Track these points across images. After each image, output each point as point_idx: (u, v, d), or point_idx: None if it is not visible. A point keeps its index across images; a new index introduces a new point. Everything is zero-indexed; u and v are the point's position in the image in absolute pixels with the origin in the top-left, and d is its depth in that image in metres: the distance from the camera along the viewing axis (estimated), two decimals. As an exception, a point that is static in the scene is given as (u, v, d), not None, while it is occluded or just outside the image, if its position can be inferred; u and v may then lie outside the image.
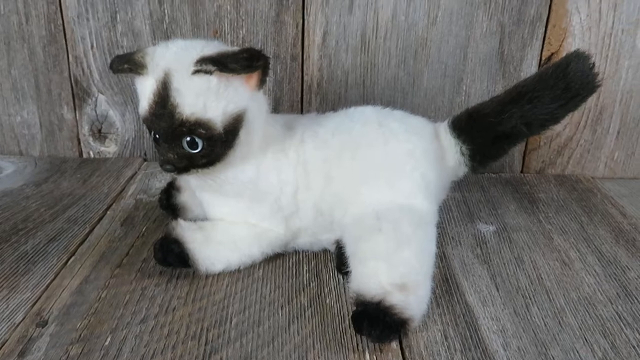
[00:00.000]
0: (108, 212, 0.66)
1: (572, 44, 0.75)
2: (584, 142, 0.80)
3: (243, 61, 0.44)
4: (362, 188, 0.52)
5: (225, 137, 0.47)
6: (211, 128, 0.46)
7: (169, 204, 0.62)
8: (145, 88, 0.47)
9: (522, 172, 0.83)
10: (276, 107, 0.80)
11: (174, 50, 0.47)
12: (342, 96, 0.79)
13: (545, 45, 0.76)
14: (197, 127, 0.46)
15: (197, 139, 0.46)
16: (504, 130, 0.53)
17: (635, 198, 0.75)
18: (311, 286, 0.53)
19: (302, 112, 0.80)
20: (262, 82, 0.48)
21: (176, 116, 0.45)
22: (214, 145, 0.47)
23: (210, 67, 0.44)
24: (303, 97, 0.79)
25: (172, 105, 0.45)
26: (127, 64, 0.47)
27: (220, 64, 0.44)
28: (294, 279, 0.54)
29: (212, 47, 0.47)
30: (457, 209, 0.69)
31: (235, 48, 0.46)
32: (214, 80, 0.45)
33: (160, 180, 0.75)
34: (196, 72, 0.45)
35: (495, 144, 0.55)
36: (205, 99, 0.45)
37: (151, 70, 0.46)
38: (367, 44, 0.76)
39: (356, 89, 0.78)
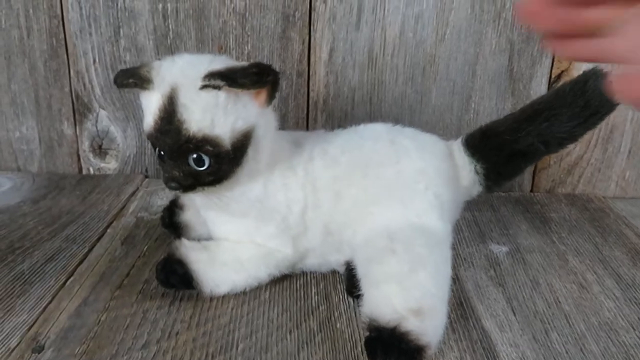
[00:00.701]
0: (108, 231, 0.64)
1: (582, 63, 0.74)
2: (594, 161, 0.79)
3: (253, 76, 0.43)
4: (373, 207, 0.50)
5: (233, 154, 0.45)
6: (219, 145, 0.44)
7: (172, 223, 0.60)
8: (151, 103, 0.45)
9: (531, 191, 0.81)
10: (282, 124, 0.77)
11: (181, 64, 0.45)
12: (349, 113, 0.77)
13: (555, 63, 0.75)
14: (204, 144, 0.44)
15: (203, 156, 0.45)
16: (520, 149, 0.52)
17: (649, 218, 0.73)
18: (320, 309, 0.51)
19: (307, 128, 0.79)
20: (271, 98, 0.46)
21: (183, 132, 0.44)
22: (221, 162, 0.45)
23: (218, 82, 0.43)
24: (309, 113, 0.78)
25: (179, 121, 0.44)
26: (132, 79, 0.45)
27: (229, 78, 0.43)
28: (302, 302, 0.52)
29: (220, 62, 0.45)
30: (468, 229, 0.68)
31: (244, 63, 0.45)
32: (222, 96, 0.44)
33: (162, 197, 0.73)
34: (204, 87, 0.43)
35: (511, 162, 0.53)
36: (213, 115, 0.44)
37: (157, 85, 0.45)
38: (375, 60, 0.75)
39: (363, 106, 0.77)
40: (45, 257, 0.57)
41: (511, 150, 0.52)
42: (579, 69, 0.74)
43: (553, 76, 0.75)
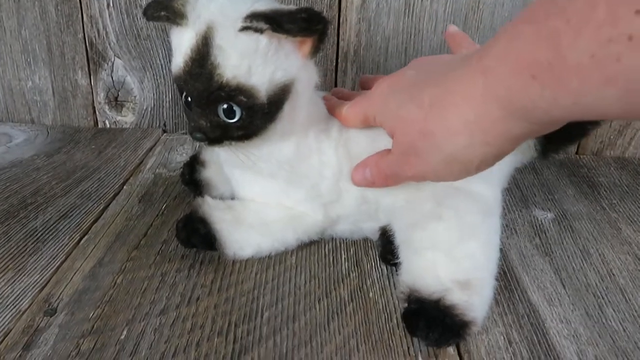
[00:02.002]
0: (125, 187, 0.60)
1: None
2: (649, 122, 0.72)
3: (301, 22, 0.37)
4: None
5: (268, 108, 0.40)
6: (254, 96, 0.39)
7: (192, 180, 0.56)
8: (182, 42, 0.39)
9: (577, 153, 0.75)
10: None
11: (221, 1, 0.39)
12: (382, 65, 0.71)
13: None
14: (237, 94, 0.39)
15: (235, 107, 0.39)
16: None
17: None
18: (351, 277, 0.47)
19: (336, 82, 0.73)
20: (316, 50, 0.41)
21: (215, 78, 0.38)
22: (253, 116, 0.40)
23: (262, 25, 0.37)
24: (338, 65, 0.72)
25: (212, 64, 0.38)
26: (165, 11, 0.39)
27: (274, 22, 0.37)
28: (332, 268, 0.48)
29: (264, 3, 0.39)
30: (509, 193, 0.62)
31: (292, 6, 0.39)
32: (264, 41, 0.38)
33: (181, 153, 0.69)
34: (245, 28, 0.37)
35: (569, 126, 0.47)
36: (251, 61, 0.38)
37: (192, 22, 0.39)
38: (412, 6, 0.68)
39: (397, 58, 0.71)
40: (59, 214, 0.54)
41: None
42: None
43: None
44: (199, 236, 0.45)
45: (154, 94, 0.75)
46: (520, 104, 0.29)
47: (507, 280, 0.47)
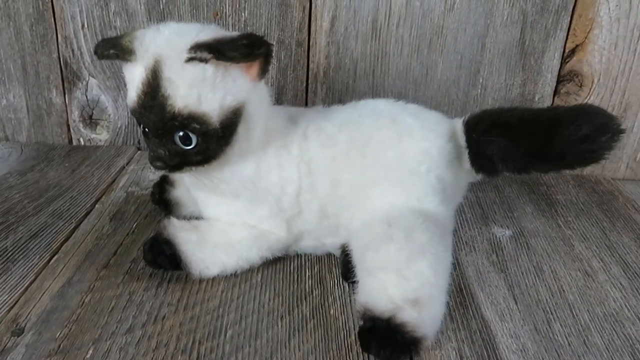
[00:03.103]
0: (96, 206, 0.62)
1: (599, 36, 0.70)
2: (605, 141, 0.76)
3: (243, 48, 0.39)
4: (372, 190, 0.47)
5: (222, 132, 0.42)
6: (206, 122, 0.41)
7: (162, 199, 0.58)
8: (134, 76, 0.41)
9: (538, 171, 0.78)
10: (279, 97, 0.75)
11: (166, 34, 0.42)
12: (350, 86, 0.74)
13: (569, 36, 0.70)
14: (190, 122, 0.41)
15: (190, 135, 0.42)
16: (484, 153, 0.48)
17: (659, 202, 0.70)
18: (314, 294, 0.49)
19: (306, 102, 0.75)
20: (263, 72, 0.43)
21: (167, 109, 0.40)
22: (209, 141, 0.42)
23: (205, 55, 0.39)
24: (308, 86, 0.74)
25: (163, 96, 0.40)
26: (114, 49, 0.42)
27: (217, 51, 0.39)
28: (295, 286, 0.50)
29: (208, 32, 0.42)
30: (471, 211, 0.65)
31: (234, 33, 0.41)
32: (210, 70, 0.40)
33: (154, 172, 0.70)
34: (190, 59, 0.40)
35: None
36: (200, 90, 0.40)
37: (140, 57, 0.41)
38: (379, 30, 0.71)
39: (365, 79, 0.73)
40: (29, 234, 0.55)
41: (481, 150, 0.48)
42: (594, 42, 0.70)
43: (567, 50, 0.71)
44: (165, 257, 0.47)
45: (128, 113, 0.77)
46: None
47: (462, 296, 0.49)
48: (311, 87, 0.74)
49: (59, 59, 0.74)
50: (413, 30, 0.71)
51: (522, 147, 0.46)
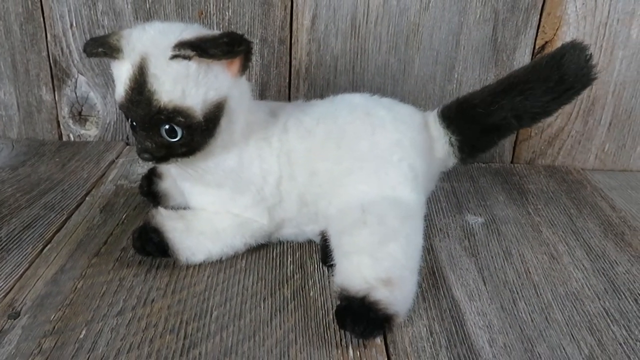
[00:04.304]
0: (87, 198, 0.64)
1: (567, 33, 0.73)
2: (575, 133, 0.79)
3: (224, 46, 0.42)
4: (347, 179, 0.50)
5: (205, 125, 0.45)
6: (190, 116, 0.44)
7: (150, 191, 0.60)
8: (121, 73, 0.44)
9: (512, 162, 0.82)
10: (263, 92, 0.77)
11: (152, 33, 0.44)
12: (331, 82, 0.77)
13: (539, 33, 0.74)
14: (175, 115, 0.44)
15: (176, 127, 0.44)
16: (493, 122, 0.52)
17: (625, 191, 0.74)
18: (295, 278, 0.52)
19: (289, 97, 0.78)
20: (244, 68, 0.46)
21: (153, 103, 0.43)
22: (193, 133, 0.45)
23: (188, 52, 0.42)
24: (291, 82, 0.77)
25: (149, 91, 0.43)
26: (102, 48, 0.44)
27: (199, 48, 0.42)
28: (278, 271, 0.52)
29: (191, 31, 0.44)
30: (446, 200, 0.68)
31: (216, 32, 0.44)
32: (193, 66, 0.43)
33: (142, 165, 0.73)
34: (174, 57, 0.43)
35: (485, 135, 0.54)
36: (184, 85, 0.43)
37: (127, 55, 0.44)
38: (358, 28, 0.74)
39: (345, 75, 0.76)
40: (22, 225, 0.58)
41: (484, 123, 0.52)
42: (563, 39, 0.74)
43: (537, 47, 0.75)
44: (152, 244, 0.49)
45: (116, 109, 0.79)
46: None
47: (435, 278, 0.53)
48: (294, 83, 0.77)
49: (49, 57, 0.76)
50: (390, 28, 0.74)
51: (537, 90, 0.49)
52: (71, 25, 0.74)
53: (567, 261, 0.56)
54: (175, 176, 0.53)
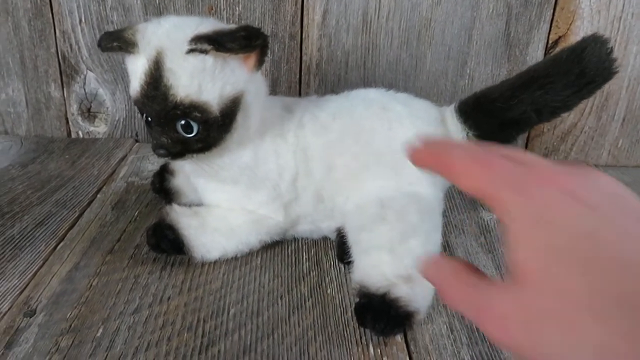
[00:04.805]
0: (98, 196, 0.64)
1: (580, 27, 0.73)
2: (588, 129, 0.79)
3: (241, 40, 0.41)
4: (364, 175, 0.50)
5: (222, 120, 0.44)
6: (207, 111, 0.43)
7: (162, 188, 0.60)
8: (137, 68, 0.43)
9: (524, 158, 0.81)
10: (273, 89, 0.77)
11: (167, 27, 0.44)
12: (342, 78, 0.76)
13: (552, 28, 0.73)
14: (192, 110, 0.43)
15: (192, 123, 0.44)
16: (512, 117, 0.51)
17: (638, 187, 0.73)
18: (311, 275, 0.51)
19: (300, 93, 0.77)
20: (260, 63, 0.45)
21: (170, 98, 0.42)
22: (209, 129, 0.44)
23: (205, 46, 0.41)
24: (301, 78, 0.76)
25: (165, 86, 0.42)
26: (117, 42, 0.44)
27: (216, 42, 0.41)
28: (294, 268, 0.52)
29: (207, 25, 0.44)
30: (460, 197, 0.68)
31: (233, 26, 0.43)
32: (210, 61, 0.42)
33: (153, 162, 0.73)
34: (191, 51, 0.42)
35: (503, 130, 0.53)
36: (201, 80, 0.42)
37: (142, 49, 0.43)
38: (369, 23, 0.73)
39: (357, 71, 0.76)
40: (35, 222, 0.57)
41: (504, 118, 0.51)
42: (576, 34, 0.73)
43: (550, 42, 0.74)
44: (167, 241, 0.49)
45: (125, 105, 0.78)
46: None
47: (452, 275, 0.52)
48: (304, 79, 0.77)
49: (57, 53, 0.75)
50: (402, 23, 0.73)
51: (558, 84, 0.48)
52: (80, 21, 0.73)
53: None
54: (190, 172, 0.53)
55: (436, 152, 0.27)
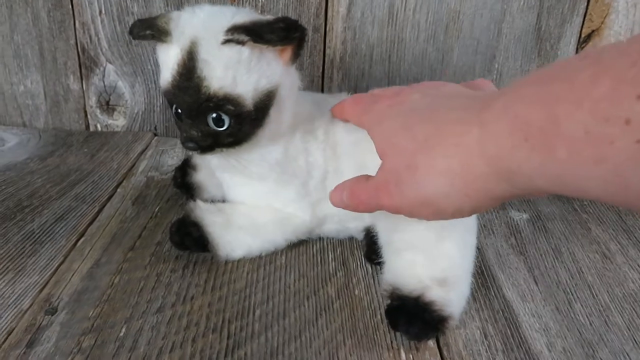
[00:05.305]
0: (118, 190, 0.62)
1: (615, 22, 0.70)
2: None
3: (280, 31, 0.39)
4: (396, 173, 0.48)
5: (255, 114, 0.43)
6: (240, 104, 0.42)
7: (184, 183, 0.58)
8: (169, 58, 0.42)
9: (552, 156, 0.79)
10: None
11: (202, 16, 0.42)
12: (366, 72, 0.74)
13: (585, 21, 0.71)
14: (225, 103, 0.41)
15: (224, 116, 0.42)
16: None
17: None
18: (338, 276, 0.49)
19: (322, 87, 0.76)
20: (296, 56, 0.43)
21: (203, 90, 0.41)
22: (242, 123, 0.43)
23: (243, 37, 0.39)
24: (324, 72, 0.75)
25: (199, 77, 0.41)
26: (150, 30, 0.42)
27: (254, 33, 0.39)
28: (319, 268, 0.50)
29: (243, 15, 0.42)
30: (487, 195, 0.66)
31: (270, 17, 0.41)
32: (246, 52, 0.41)
33: (172, 156, 0.71)
34: (227, 41, 0.40)
35: None
36: (236, 72, 0.41)
37: (176, 38, 0.41)
38: (395, 16, 0.71)
39: (381, 65, 0.74)
40: (55, 217, 0.56)
41: None
42: (611, 28, 0.70)
43: (583, 36, 0.71)
44: (192, 239, 0.48)
45: (144, 99, 0.77)
46: (506, 165, 0.29)
47: (484, 278, 0.50)
48: (327, 73, 0.75)
49: (77, 45, 0.74)
50: (429, 15, 0.71)
51: None
52: (100, 12, 0.72)
53: (621, 261, 0.54)
54: (215, 167, 0.51)
55: (340, 104, 0.47)
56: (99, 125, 0.79)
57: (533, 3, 0.70)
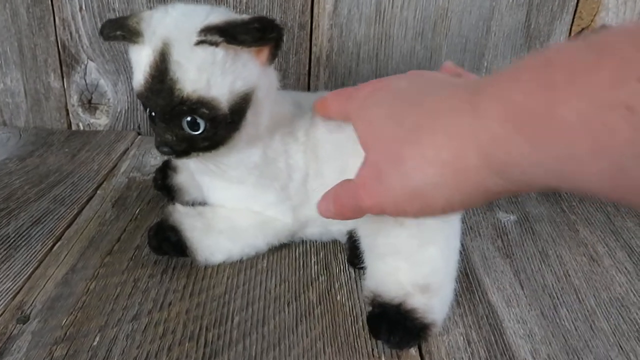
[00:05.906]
0: (98, 192, 0.61)
1: (605, 19, 0.69)
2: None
3: (254, 32, 0.38)
4: (379, 176, 0.47)
5: (230, 118, 0.41)
6: (215, 108, 0.40)
7: (165, 185, 0.57)
8: (141, 59, 0.40)
9: (541, 156, 0.78)
10: (281, 81, 0.73)
11: (175, 16, 0.40)
12: (353, 70, 0.73)
13: (575, 19, 0.70)
14: (199, 107, 0.40)
15: (199, 120, 0.40)
16: None
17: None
18: (320, 280, 0.48)
19: (309, 86, 0.74)
20: (273, 57, 0.42)
21: (176, 93, 0.39)
22: (217, 126, 0.41)
23: (216, 38, 0.38)
24: (311, 70, 0.73)
25: (172, 80, 0.39)
26: (120, 31, 0.40)
27: (228, 34, 0.38)
28: (301, 272, 0.49)
29: (218, 14, 0.40)
30: (475, 196, 0.65)
31: (245, 16, 0.40)
32: (220, 54, 0.39)
33: (156, 157, 0.70)
34: (200, 42, 0.38)
35: None
36: (210, 74, 0.39)
37: (148, 39, 0.40)
38: (382, 13, 0.70)
39: (368, 63, 0.72)
40: (31, 220, 0.55)
41: None
42: (600, 24, 0.69)
43: (573, 33, 0.70)
44: (170, 244, 0.46)
45: (127, 97, 0.76)
46: (499, 157, 0.27)
47: (469, 282, 0.49)
48: (314, 71, 0.73)
49: (57, 42, 0.72)
50: (417, 13, 0.70)
51: None
52: (80, 8, 0.70)
53: (609, 264, 0.53)
54: (194, 170, 0.50)
55: (322, 98, 0.46)
56: (81, 124, 0.77)
57: (522, 1, 0.69)
